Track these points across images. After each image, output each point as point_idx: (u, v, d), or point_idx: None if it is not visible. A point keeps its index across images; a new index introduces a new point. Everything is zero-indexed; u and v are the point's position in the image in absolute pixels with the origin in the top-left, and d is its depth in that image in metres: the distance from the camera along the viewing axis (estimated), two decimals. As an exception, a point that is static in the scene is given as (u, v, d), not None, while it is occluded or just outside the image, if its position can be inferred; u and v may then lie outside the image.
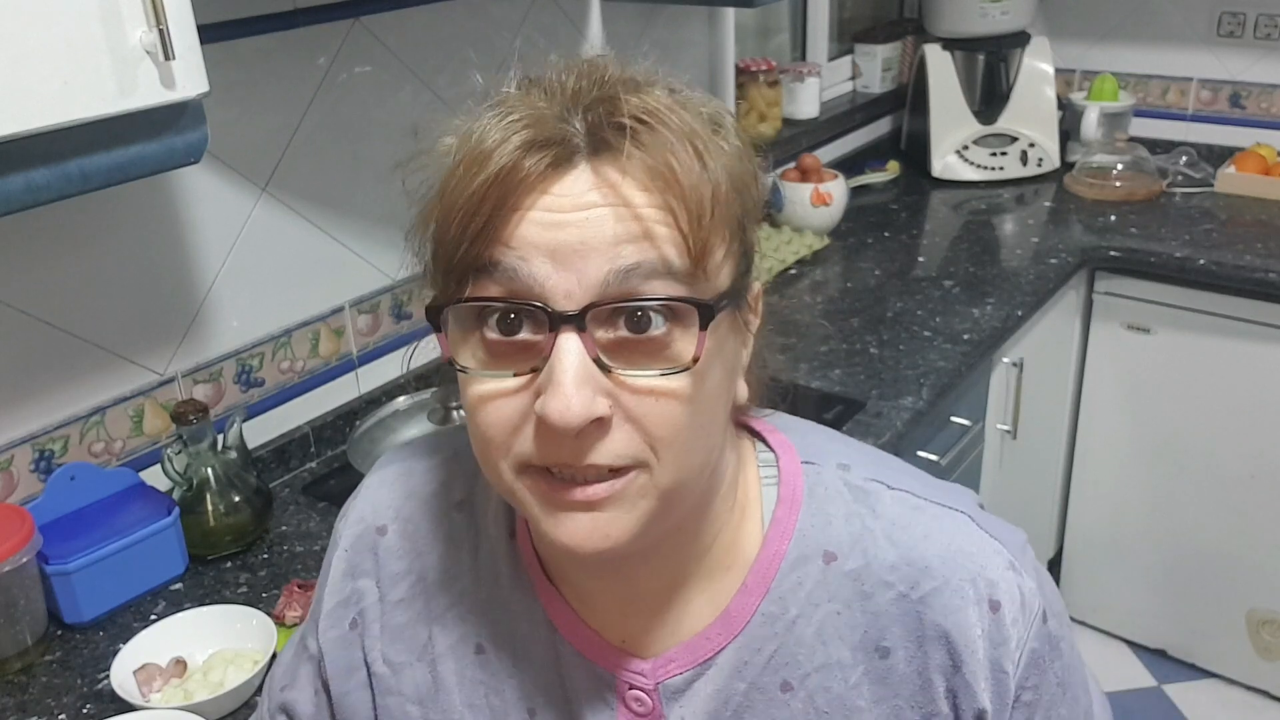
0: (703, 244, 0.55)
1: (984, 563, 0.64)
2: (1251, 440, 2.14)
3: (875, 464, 0.70)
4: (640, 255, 0.54)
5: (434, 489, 0.75)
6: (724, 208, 0.57)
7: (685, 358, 0.56)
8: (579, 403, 0.53)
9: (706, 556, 0.66)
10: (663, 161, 0.55)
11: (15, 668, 1.15)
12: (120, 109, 0.87)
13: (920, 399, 1.59)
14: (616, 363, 0.55)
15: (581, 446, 0.55)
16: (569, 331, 0.54)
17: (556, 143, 0.55)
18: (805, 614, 0.65)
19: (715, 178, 0.56)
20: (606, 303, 0.54)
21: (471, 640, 0.71)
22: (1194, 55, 2.59)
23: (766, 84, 2.33)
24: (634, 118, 0.56)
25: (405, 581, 0.73)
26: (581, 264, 0.54)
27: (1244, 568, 2.24)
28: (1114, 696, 2.35)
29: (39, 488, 1.26)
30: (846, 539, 0.65)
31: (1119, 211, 2.32)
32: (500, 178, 0.55)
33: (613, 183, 0.55)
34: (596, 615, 0.69)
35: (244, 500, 1.31)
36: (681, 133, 0.56)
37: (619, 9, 1.90)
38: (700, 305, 0.55)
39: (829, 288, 2.03)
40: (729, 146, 0.59)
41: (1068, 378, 2.34)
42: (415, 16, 1.55)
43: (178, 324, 1.38)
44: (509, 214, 0.55)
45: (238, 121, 1.37)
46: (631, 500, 0.57)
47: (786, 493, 0.67)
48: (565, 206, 0.55)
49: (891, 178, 2.58)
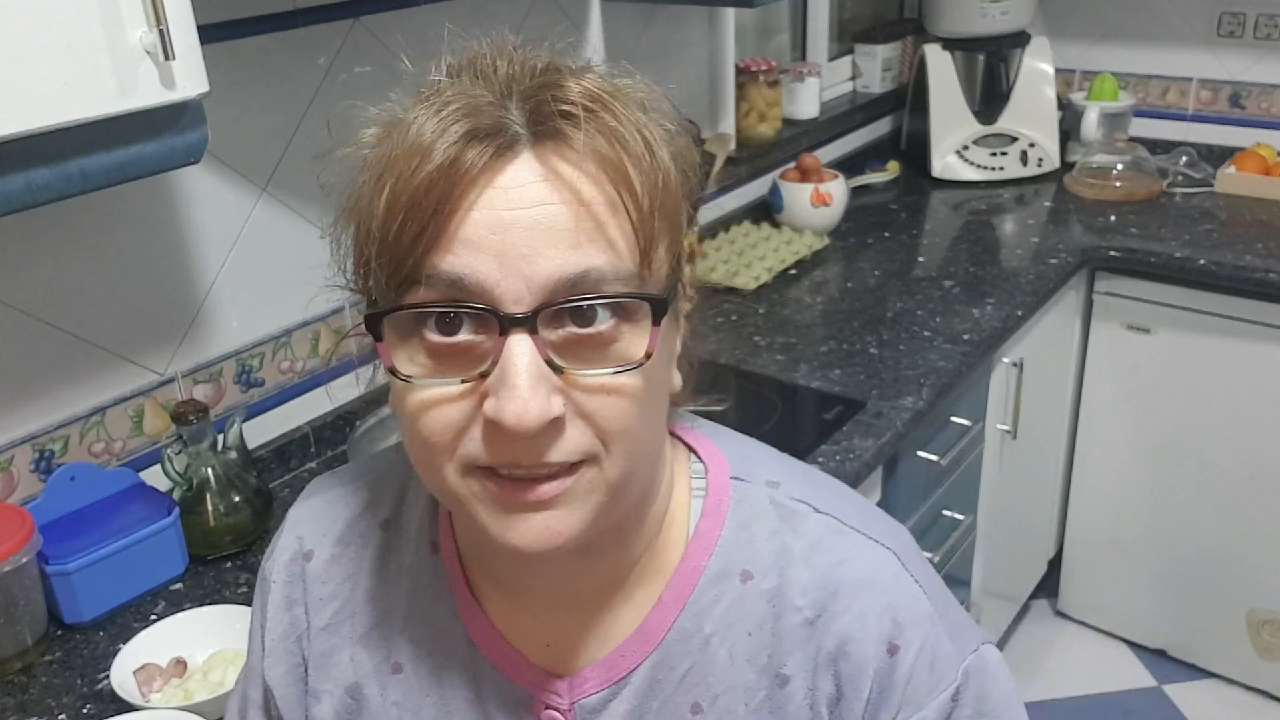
0: (650, 238, 0.54)
1: (895, 601, 0.61)
2: (1251, 440, 2.14)
3: (807, 484, 0.67)
4: (589, 254, 0.52)
5: (358, 511, 0.73)
6: (672, 200, 0.56)
7: (636, 354, 0.54)
8: (536, 406, 0.51)
9: (637, 561, 0.65)
10: (609, 151, 0.53)
11: (15, 668, 1.15)
12: (120, 109, 0.87)
13: (920, 399, 1.59)
14: (568, 362, 0.53)
15: (535, 446, 0.53)
16: (520, 334, 0.52)
17: (496, 132, 0.53)
18: (720, 633, 0.63)
19: (664, 166, 0.55)
20: (557, 303, 0.52)
21: (391, 659, 0.70)
22: (1194, 55, 2.59)
23: (766, 84, 2.33)
24: (577, 103, 0.53)
25: (330, 606, 0.72)
26: (529, 266, 0.52)
27: (1244, 568, 2.24)
28: (1114, 696, 2.35)
29: (39, 488, 1.26)
30: (766, 558, 0.63)
31: (1119, 211, 2.32)
32: (440, 174, 0.52)
33: (560, 173, 0.53)
34: (520, 629, 0.67)
35: (244, 500, 1.31)
36: (627, 120, 0.54)
37: (619, 9, 1.90)
38: (653, 300, 0.54)
39: (829, 288, 2.03)
40: (665, 132, 0.57)
41: (1068, 378, 2.34)
42: (415, 17, 1.55)
43: (178, 324, 1.38)
44: (451, 213, 0.52)
45: (238, 121, 1.37)
46: (582, 496, 0.55)
47: (712, 506, 0.65)
48: (510, 202, 0.52)
49: (891, 178, 2.58)
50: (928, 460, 1.71)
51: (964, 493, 1.94)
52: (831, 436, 1.49)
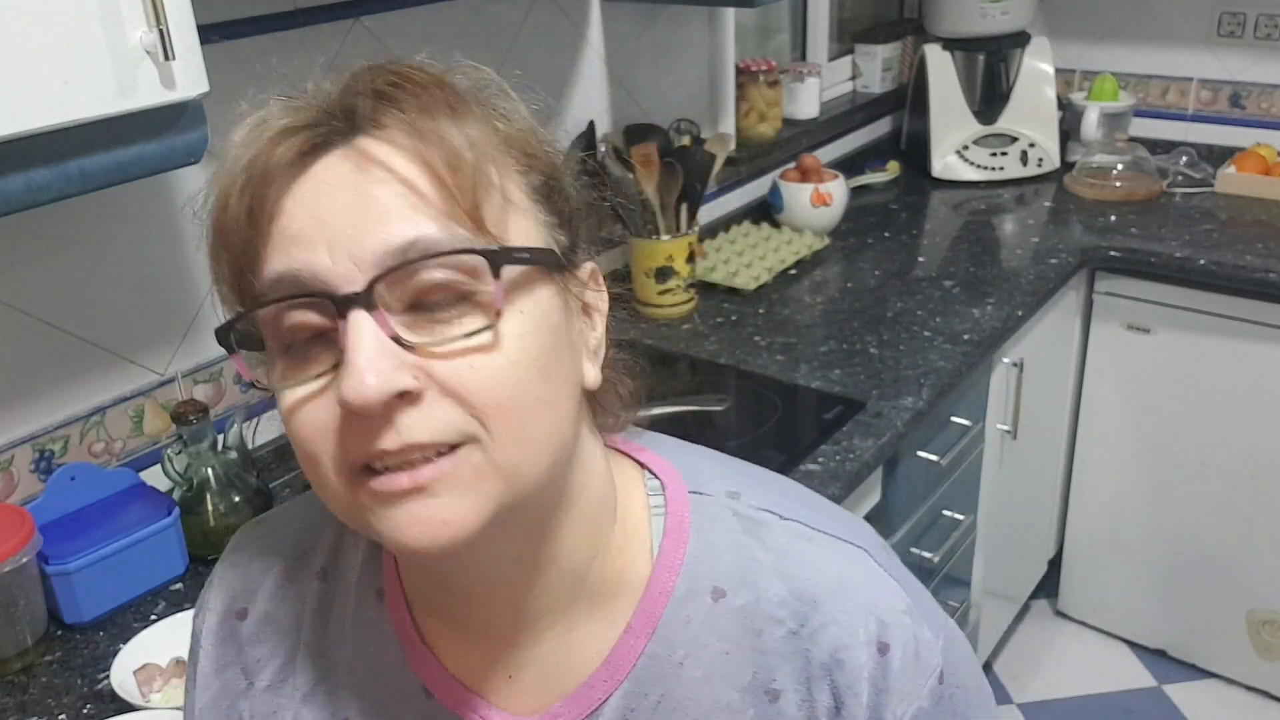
0: (472, 191, 0.53)
1: (875, 600, 0.61)
2: (1251, 440, 2.14)
3: (766, 490, 0.66)
4: (417, 226, 0.51)
5: (291, 561, 0.70)
6: (495, 156, 0.55)
7: (488, 316, 0.53)
8: (374, 376, 0.49)
9: (586, 578, 0.62)
10: (417, 120, 0.53)
11: (15, 668, 1.15)
12: (120, 109, 0.87)
13: (920, 399, 1.59)
14: (418, 336, 0.52)
15: (394, 428, 0.51)
16: (357, 311, 0.51)
17: (309, 126, 0.54)
18: (693, 655, 0.61)
19: (477, 128, 0.55)
20: (387, 270, 0.51)
21: (341, 716, 0.66)
22: (1194, 55, 2.59)
23: (766, 84, 2.33)
24: (385, 84, 0.54)
25: (270, 666, 0.68)
26: (357, 248, 0.51)
27: (1244, 568, 2.24)
28: (1114, 696, 2.36)
29: (39, 488, 1.26)
30: (735, 573, 0.62)
31: (1119, 211, 2.32)
32: (255, 173, 0.53)
33: (374, 153, 0.53)
34: (477, 668, 0.64)
35: (244, 500, 1.31)
36: (434, 88, 0.55)
37: (619, 9, 1.90)
38: (485, 253, 0.52)
39: (829, 288, 2.03)
40: (508, 113, 0.57)
41: (1068, 378, 2.34)
42: (416, 17, 1.55)
43: (178, 324, 1.38)
44: (272, 207, 0.53)
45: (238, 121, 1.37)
46: (468, 483, 0.52)
47: (673, 524, 0.63)
48: (330, 188, 0.52)
49: (891, 178, 2.58)
50: (928, 460, 1.71)
51: (964, 493, 1.94)
52: (831, 436, 1.49)
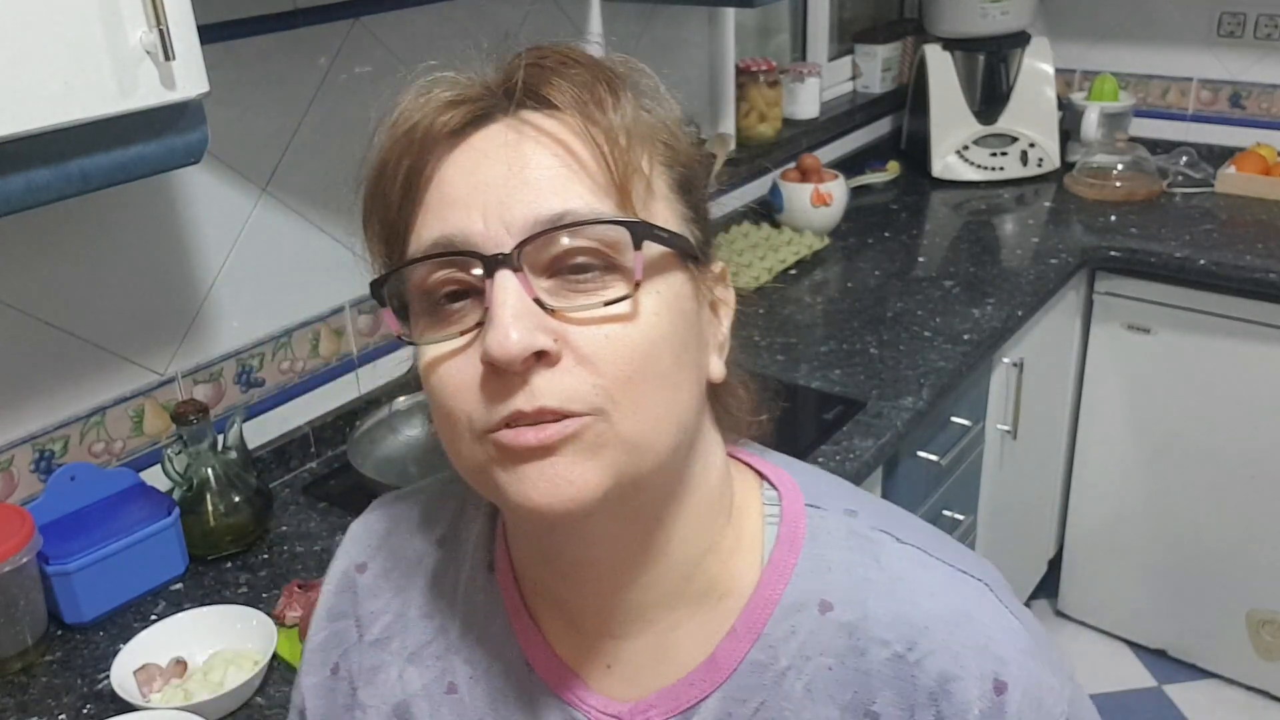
0: (624, 169, 0.55)
1: (994, 635, 0.58)
2: (1251, 440, 2.14)
3: (886, 516, 0.65)
4: (568, 200, 0.54)
5: (415, 525, 0.73)
6: (645, 142, 0.57)
7: (628, 288, 0.55)
8: (517, 333, 0.51)
9: (695, 574, 0.62)
10: (579, 96, 0.55)
11: (15, 668, 1.15)
12: (120, 109, 0.87)
13: (920, 399, 1.59)
14: (559, 301, 0.54)
15: (531, 388, 0.53)
16: (504, 271, 0.53)
17: (471, 100, 0.56)
18: (796, 666, 0.60)
19: (633, 112, 0.57)
20: (536, 234, 0.53)
21: (445, 679, 0.68)
22: (1194, 55, 2.59)
23: (767, 84, 2.33)
24: (550, 61, 0.57)
25: (381, 620, 0.71)
26: (509, 214, 0.54)
27: (1244, 568, 2.24)
28: (1114, 696, 2.36)
29: (39, 488, 1.26)
30: (845, 588, 0.61)
31: (1119, 212, 2.32)
32: (416, 137, 0.56)
33: (531, 123, 0.56)
34: (579, 651, 0.65)
35: (244, 500, 1.31)
36: (596, 69, 0.57)
37: (619, 9, 1.90)
38: (630, 224, 0.54)
39: (829, 288, 2.03)
40: (658, 104, 0.59)
41: (1068, 378, 2.34)
42: (415, 17, 1.55)
43: (178, 324, 1.38)
44: (431, 172, 0.56)
45: (238, 121, 1.37)
46: (591, 448, 0.53)
47: (787, 533, 0.63)
48: (489, 158, 0.55)
49: (892, 178, 2.58)
50: (928, 460, 1.71)
51: (964, 493, 1.94)
52: (831, 436, 1.49)
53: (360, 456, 1.46)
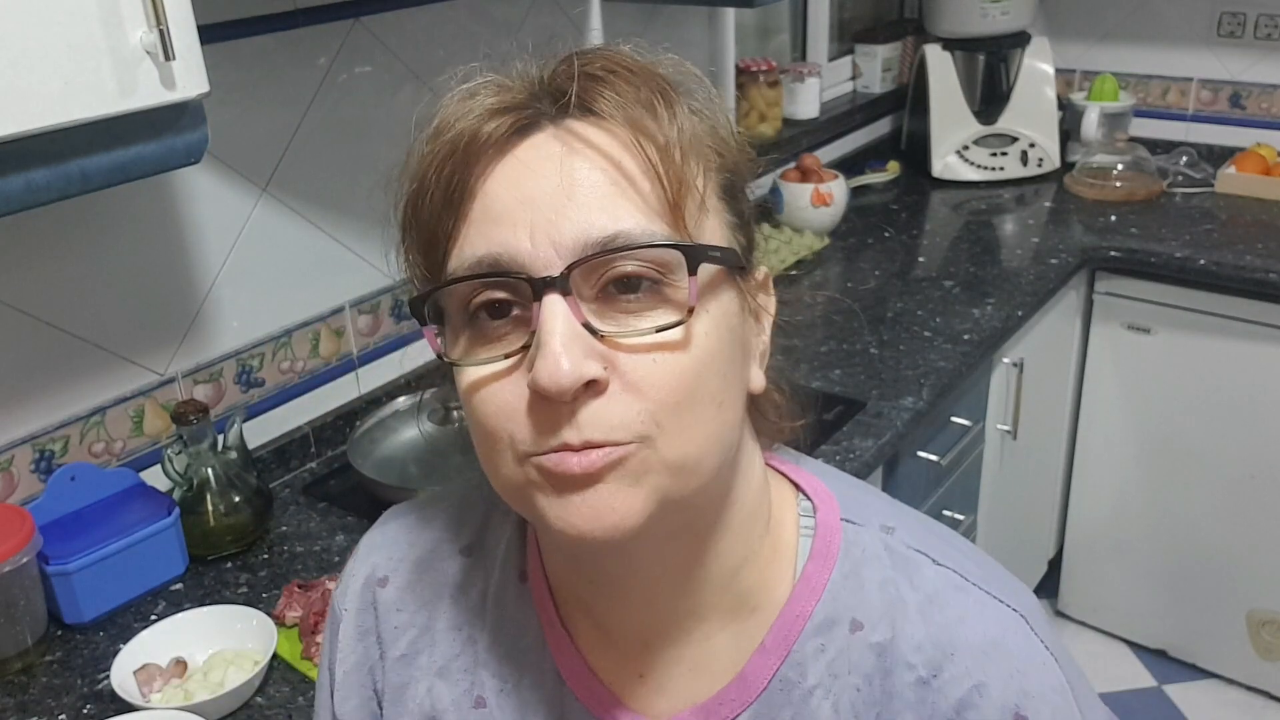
0: (678, 186, 0.53)
1: (1024, 669, 0.57)
2: (1251, 440, 2.14)
3: (925, 533, 0.63)
4: (620, 219, 0.52)
5: (438, 536, 0.71)
6: (699, 153, 0.55)
7: (680, 313, 0.53)
8: (568, 363, 0.49)
9: (731, 585, 0.61)
10: (630, 107, 0.53)
11: (15, 668, 1.15)
12: (120, 109, 0.87)
13: (920, 399, 1.59)
14: (607, 325, 0.52)
15: (578, 420, 0.51)
16: (552, 294, 0.51)
17: (518, 107, 0.54)
18: (824, 684, 0.59)
19: (684, 120, 0.54)
20: (587, 258, 0.51)
21: (474, 693, 0.67)
22: (1194, 55, 2.59)
23: (767, 84, 2.33)
24: (599, 70, 0.54)
25: (406, 635, 0.69)
26: (558, 234, 0.51)
27: (1244, 568, 2.24)
28: (1114, 696, 2.35)
29: (39, 488, 1.26)
30: (878, 607, 0.59)
31: (1119, 212, 2.32)
32: (461, 145, 0.53)
33: (583, 138, 0.53)
34: (611, 662, 0.64)
35: (244, 500, 1.31)
36: (647, 77, 0.54)
37: (619, 9, 1.90)
38: (685, 248, 0.52)
39: (829, 288, 2.03)
40: (707, 107, 0.57)
41: (1068, 378, 2.34)
42: (416, 17, 1.55)
43: (178, 324, 1.38)
44: (475, 184, 0.53)
45: (238, 121, 1.37)
46: (635, 474, 0.52)
47: (821, 547, 0.61)
48: (535, 173, 0.52)
49: (892, 178, 2.58)
50: (928, 460, 1.71)
51: (964, 493, 1.94)
52: (832, 437, 1.49)
53: (360, 457, 1.46)
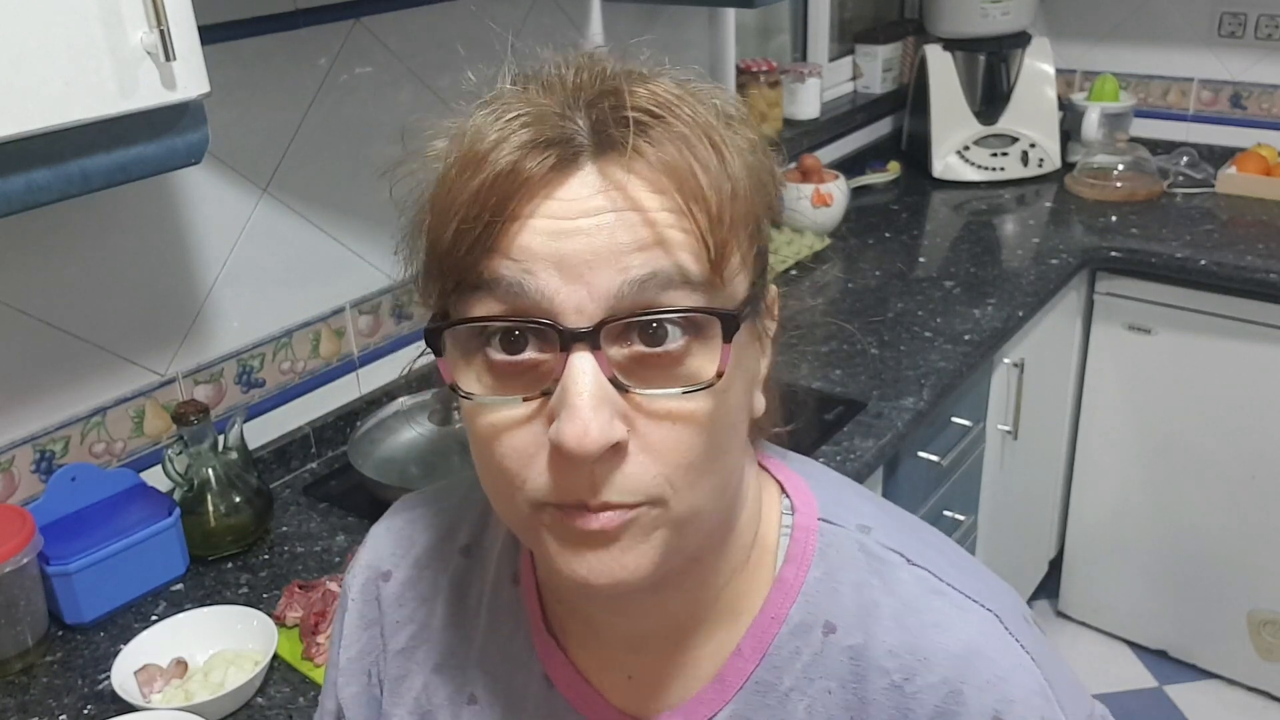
0: (722, 248, 0.51)
1: (1002, 674, 0.56)
2: (1252, 440, 2.14)
3: (902, 532, 0.63)
4: (655, 264, 0.49)
5: (440, 533, 0.71)
6: (744, 208, 0.52)
7: (706, 374, 0.51)
8: (597, 427, 0.48)
9: (721, 596, 0.61)
10: (677, 158, 0.50)
11: (16, 668, 1.15)
12: (121, 110, 0.87)
13: (921, 399, 1.59)
14: (633, 381, 0.50)
15: (596, 479, 0.50)
16: (582, 350, 0.49)
17: (559, 142, 0.51)
18: (799, 688, 0.59)
19: (734, 174, 0.52)
20: (621, 317, 0.49)
21: (466, 690, 0.68)
22: (1195, 55, 2.59)
23: (767, 85, 2.33)
24: (643, 110, 0.51)
25: (406, 630, 0.70)
26: (591, 276, 0.49)
27: (1244, 568, 2.24)
28: (1114, 697, 2.35)
29: (40, 488, 1.26)
30: (851, 611, 0.59)
31: (1120, 212, 2.32)
32: (499, 181, 0.50)
33: (622, 184, 0.50)
34: (599, 664, 0.64)
35: (245, 501, 1.31)
36: (696, 126, 0.51)
37: (619, 9, 1.90)
38: (724, 316, 0.50)
39: (830, 288, 2.03)
40: (744, 140, 0.54)
41: (1069, 378, 2.33)
42: (416, 17, 1.55)
43: (178, 324, 1.38)
44: (509, 221, 0.50)
45: (238, 122, 1.37)
46: (645, 530, 0.52)
47: (796, 550, 0.61)
48: (571, 212, 0.50)
49: (892, 178, 2.58)
50: (929, 461, 1.71)
51: (965, 493, 1.94)
52: (832, 437, 1.49)
53: (361, 457, 1.46)
